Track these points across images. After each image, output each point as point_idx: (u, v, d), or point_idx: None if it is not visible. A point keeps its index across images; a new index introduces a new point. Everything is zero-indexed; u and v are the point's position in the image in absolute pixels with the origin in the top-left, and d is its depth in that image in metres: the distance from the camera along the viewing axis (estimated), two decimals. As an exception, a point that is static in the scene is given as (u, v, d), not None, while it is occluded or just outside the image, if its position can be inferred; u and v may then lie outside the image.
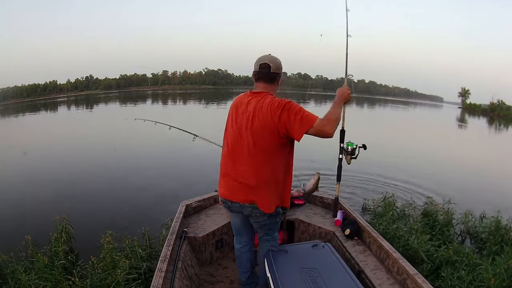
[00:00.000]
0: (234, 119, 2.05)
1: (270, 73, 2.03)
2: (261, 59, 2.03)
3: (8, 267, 3.08)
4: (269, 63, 2.01)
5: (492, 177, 8.60)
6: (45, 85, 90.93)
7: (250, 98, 2.02)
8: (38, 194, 6.22)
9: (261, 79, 2.05)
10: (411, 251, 3.35)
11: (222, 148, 2.17)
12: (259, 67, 2.02)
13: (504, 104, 50.14)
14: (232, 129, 2.05)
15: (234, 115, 2.05)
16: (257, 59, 2.06)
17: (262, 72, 2.03)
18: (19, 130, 18.63)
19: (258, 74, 2.04)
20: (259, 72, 2.03)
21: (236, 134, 2.01)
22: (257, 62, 2.04)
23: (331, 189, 6.53)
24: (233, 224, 2.33)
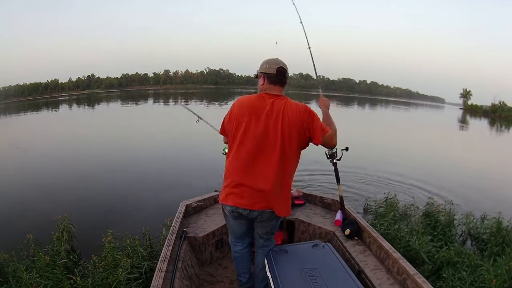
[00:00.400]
0: (254, 123, 1.96)
1: (286, 77, 2.10)
2: (277, 63, 2.06)
3: (9, 266, 3.09)
4: (285, 68, 2.08)
5: (493, 178, 8.58)
6: (46, 83, 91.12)
7: (273, 100, 2.00)
8: (40, 193, 6.25)
9: (278, 82, 2.07)
10: (412, 252, 3.35)
11: (227, 156, 2.07)
12: (276, 71, 2.04)
13: (505, 105, 50.03)
14: (253, 134, 1.95)
15: (254, 120, 1.96)
16: (269, 61, 2.08)
17: (279, 76, 2.06)
18: (20, 128, 18.68)
19: (275, 77, 2.05)
20: (277, 76, 2.05)
21: (260, 139, 1.94)
22: (272, 65, 2.06)
23: (331, 189, 6.56)
24: (235, 229, 2.23)
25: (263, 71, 2.07)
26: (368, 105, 51.06)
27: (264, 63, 2.08)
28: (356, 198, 6.01)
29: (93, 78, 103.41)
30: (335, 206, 3.35)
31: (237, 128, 1.99)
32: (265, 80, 2.06)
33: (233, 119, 2.02)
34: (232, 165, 2.00)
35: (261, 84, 2.09)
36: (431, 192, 6.50)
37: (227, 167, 2.04)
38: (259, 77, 2.12)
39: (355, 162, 8.86)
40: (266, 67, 2.06)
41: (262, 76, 2.07)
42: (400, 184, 7.19)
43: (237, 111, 2.02)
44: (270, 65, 2.05)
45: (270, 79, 2.05)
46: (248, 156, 1.95)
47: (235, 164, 1.99)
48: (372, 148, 11.65)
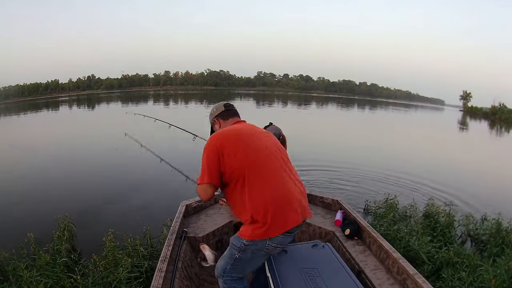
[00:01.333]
0: (251, 146, 1.87)
1: (235, 108, 2.20)
2: (220, 103, 2.19)
3: (9, 264, 3.10)
4: (230, 103, 2.21)
5: (492, 180, 8.59)
6: (46, 84, 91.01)
7: (246, 124, 2.10)
8: (41, 193, 6.26)
9: (231, 114, 2.14)
10: (412, 253, 3.36)
11: (240, 193, 1.84)
12: (224, 107, 2.15)
13: (505, 107, 49.96)
14: (256, 155, 1.86)
15: (251, 144, 1.88)
16: (214, 107, 2.19)
17: (229, 108, 2.16)
18: (20, 128, 18.68)
19: (227, 112, 2.14)
20: (227, 110, 2.15)
21: (264, 154, 1.88)
22: (217, 106, 2.17)
23: (331, 189, 6.58)
24: (254, 265, 2.02)
25: (215, 116, 2.14)
26: (368, 107, 51.05)
27: (211, 111, 2.19)
28: (356, 199, 6.02)
29: (93, 78, 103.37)
30: (335, 206, 3.37)
31: (240, 162, 1.82)
32: (220, 121, 2.12)
33: (226, 159, 1.82)
34: (260, 196, 1.79)
35: (218, 126, 2.12)
36: (431, 193, 6.51)
37: (252, 202, 1.79)
38: (214, 125, 2.17)
39: (356, 162, 8.91)
40: (214, 112, 2.16)
41: (216, 120, 2.14)
42: (400, 185, 7.20)
43: (227, 150, 1.82)
44: (216, 108, 2.16)
45: (223, 116, 2.12)
46: (268, 177, 1.83)
47: (263, 193, 1.79)
48: (372, 149, 11.68)
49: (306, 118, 25.30)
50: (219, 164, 1.82)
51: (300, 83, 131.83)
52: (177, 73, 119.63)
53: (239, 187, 1.83)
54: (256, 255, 1.90)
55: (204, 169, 1.84)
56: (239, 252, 1.89)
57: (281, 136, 3.03)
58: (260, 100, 51.04)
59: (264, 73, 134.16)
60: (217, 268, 2.03)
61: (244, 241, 1.85)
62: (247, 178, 1.80)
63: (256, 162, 1.83)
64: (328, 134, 16.40)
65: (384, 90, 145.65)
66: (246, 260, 1.92)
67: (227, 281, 1.98)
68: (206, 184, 1.84)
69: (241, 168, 1.80)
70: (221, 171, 1.83)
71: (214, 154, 1.82)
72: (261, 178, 1.81)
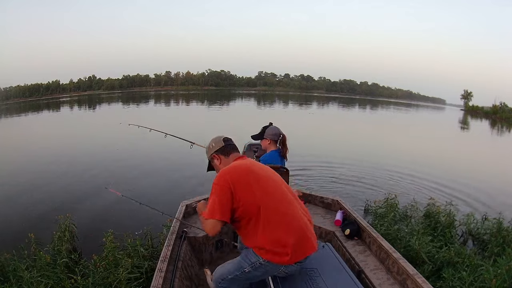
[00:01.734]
0: (266, 182, 1.88)
1: (234, 142, 2.15)
2: (219, 136, 2.11)
3: (10, 265, 3.10)
4: (227, 137, 2.14)
5: (493, 179, 8.56)
6: (47, 84, 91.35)
7: (250, 159, 2.08)
8: (42, 194, 6.26)
9: (232, 149, 2.08)
10: (412, 252, 3.35)
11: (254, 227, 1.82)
12: (223, 141, 2.08)
13: (506, 107, 49.80)
14: (268, 190, 1.86)
15: (263, 179, 1.88)
16: (211, 141, 2.11)
17: (229, 143, 2.10)
18: (20, 129, 18.73)
19: (226, 147, 2.07)
20: (227, 144, 2.08)
21: (280, 192, 1.89)
22: (216, 141, 2.09)
23: (331, 187, 6.58)
24: (254, 280, 2.01)
25: (214, 151, 2.07)
26: (369, 107, 51.02)
27: (208, 146, 2.11)
28: (357, 197, 6.01)
29: (94, 79, 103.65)
30: (335, 206, 3.37)
31: (254, 198, 1.81)
32: (220, 157, 2.05)
33: (240, 195, 1.80)
34: (278, 230, 1.80)
35: (219, 162, 2.06)
36: (431, 193, 6.50)
37: (270, 235, 1.80)
38: (213, 160, 2.10)
39: (355, 162, 8.91)
40: (213, 146, 2.08)
41: (216, 156, 2.06)
42: (401, 184, 7.20)
43: (240, 187, 1.81)
44: (214, 143, 2.08)
45: (224, 151, 2.06)
46: (283, 210, 1.84)
47: (280, 226, 1.81)
48: (372, 148, 11.67)
49: (307, 118, 25.30)
50: (231, 201, 1.79)
51: (301, 83, 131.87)
52: (178, 73, 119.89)
53: (253, 222, 1.81)
54: (265, 274, 1.92)
55: (215, 205, 1.79)
56: (250, 267, 1.88)
57: (281, 136, 3.01)
58: (261, 100, 51.05)
59: (265, 73, 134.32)
60: (215, 273, 2.02)
61: (261, 259, 1.84)
62: (262, 213, 1.79)
63: (270, 197, 1.83)
64: (328, 133, 16.40)
65: (385, 89, 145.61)
66: (253, 277, 1.93)
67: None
68: (216, 220, 1.79)
69: (255, 204, 1.79)
70: (233, 208, 1.81)
71: (227, 190, 1.79)
72: (276, 212, 1.81)
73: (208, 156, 2.12)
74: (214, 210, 1.79)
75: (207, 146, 2.13)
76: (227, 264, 2.02)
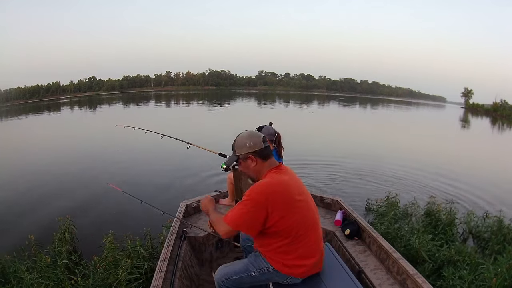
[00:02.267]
0: (301, 206, 1.79)
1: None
2: (258, 135, 1.87)
3: (10, 267, 3.11)
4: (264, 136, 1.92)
5: (494, 176, 8.55)
6: (48, 86, 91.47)
7: (288, 172, 1.88)
8: (42, 195, 6.27)
9: (269, 153, 1.88)
10: (412, 251, 3.35)
11: (276, 242, 1.80)
12: (263, 143, 1.85)
13: (507, 104, 49.79)
14: (307, 212, 1.82)
15: (299, 203, 1.78)
16: (250, 137, 1.85)
17: (267, 146, 1.87)
18: (20, 130, 18.77)
19: (265, 150, 1.85)
20: (266, 147, 1.86)
21: (311, 215, 1.85)
22: (255, 139, 1.84)
23: (331, 186, 6.58)
24: (258, 283, 2.00)
25: (252, 151, 1.82)
26: (370, 105, 51.00)
27: (244, 141, 1.84)
28: (357, 197, 6.01)
29: (94, 80, 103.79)
30: (335, 206, 3.36)
31: (289, 222, 1.74)
32: (257, 160, 1.83)
33: (275, 218, 1.71)
34: (303, 251, 1.82)
35: (254, 165, 1.83)
36: (432, 191, 6.49)
37: (294, 255, 1.80)
38: (246, 160, 1.84)
39: (356, 160, 8.90)
40: (251, 145, 1.82)
41: (253, 158, 1.82)
42: (402, 182, 7.19)
43: (277, 211, 1.70)
44: (253, 140, 1.83)
45: (262, 155, 1.83)
46: (311, 233, 1.84)
47: (307, 249, 1.82)
48: (373, 147, 11.66)
49: (307, 117, 25.29)
50: (263, 223, 1.71)
51: (301, 82, 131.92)
52: (178, 73, 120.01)
53: (281, 241, 1.78)
54: (269, 280, 1.93)
55: (243, 218, 1.71)
56: (257, 271, 1.89)
57: (276, 134, 3.04)
58: (262, 99, 51.06)
59: (266, 73, 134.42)
60: (219, 271, 2.00)
61: (270, 267, 1.85)
62: (294, 236, 1.77)
63: (303, 222, 1.79)
64: (328, 131, 16.39)
65: (386, 88, 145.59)
66: (257, 281, 1.94)
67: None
68: (236, 229, 1.75)
69: (289, 228, 1.75)
70: (263, 227, 1.73)
71: (261, 209, 1.69)
72: (305, 236, 1.80)
73: (239, 153, 1.85)
74: (240, 224, 1.73)
75: (237, 141, 1.86)
76: (233, 264, 2.02)
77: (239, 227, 1.74)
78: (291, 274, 1.84)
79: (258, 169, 1.84)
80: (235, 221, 1.73)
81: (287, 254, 1.80)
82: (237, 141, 1.86)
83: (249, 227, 1.73)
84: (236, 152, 1.87)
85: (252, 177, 1.89)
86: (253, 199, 1.70)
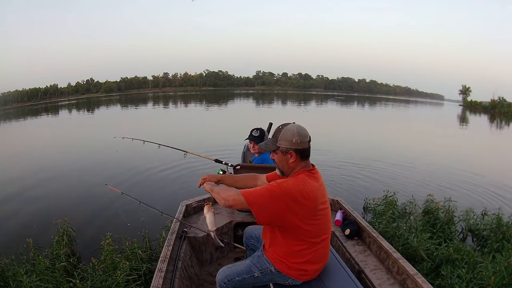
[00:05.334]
0: (320, 214, 1.77)
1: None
2: (305, 134, 1.79)
3: (9, 270, 3.10)
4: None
5: (492, 173, 8.57)
6: (45, 89, 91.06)
7: (317, 176, 1.83)
8: (40, 198, 6.25)
9: (309, 155, 1.83)
10: (411, 250, 3.35)
11: (287, 241, 1.79)
12: (308, 143, 1.80)
13: (505, 101, 49.94)
14: (324, 218, 1.81)
15: (320, 211, 1.76)
16: (298, 133, 1.77)
17: (309, 147, 1.82)
18: (19, 133, 18.73)
19: (308, 151, 1.81)
20: (309, 148, 1.82)
21: (327, 222, 1.84)
22: (303, 137, 1.77)
23: (330, 188, 6.57)
24: (260, 284, 2.00)
25: (295, 148, 1.76)
26: (368, 104, 51.06)
27: (291, 136, 1.76)
28: (355, 196, 6.01)
29: (92, 82, 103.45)
30: (335, 206, 3.36)
31: (307, 226, 1.74)
32: (296, 157, 1.78)
33: (292, 219, 1.69)
34: (313, 256, 1.82)
35: (292, 161, 1.78)
36: (431, 189, 6.48)
37: (303, 258, 1.80)
38: (285, 153, 1.78)
39: (354, 159, 8.91)
40: (297, 142, 1.76)
41: (294, 154, 1.77)
42: (400, 181, 7.20)
43: (297, 214, 1.68)
44: (301, 138, 1.76)
45: (304, 154, 1.79)
46: (323, 239, 1.84)
47: (317, 253, 1.83)
48: (372, 145, 11.67)
49: (306, 116, 25.31)
50: (276, 213, 1.66)
51: (299, 81, 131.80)
52: (176, 74, 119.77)
53: (296, 245, 1.78)
54: (271, 281, 1.94)
55: (261, 197, 1.65)
56: (260, 272, 1.89)
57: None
58: (260, 99, 51.06)
59: (263, 72, 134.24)
60: (221, 273, 1.99)
61: (273, 268, 1.86)
62: (310, 243, 1.77)
63: (321, 230, 1.80)
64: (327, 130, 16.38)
65: (383, 86, 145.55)
66: (260, 282, 1.94)
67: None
68: (248, 204, 1.65)
69: (307, 234, 1.75)
70: (273, 220, 1.70)
71: (281, 203, 1.64)
72: (319, 243, 1.81)
73: (282, 145, 1.78)
74: (255, 201, 1.65)
75: (285, 133, 1.77)
76: (235, 265, 2.01)
77: (252, 204, 1.65)
78: (294, 276, 1.85)
79: (293, 166, 1.80)
80: (252, 196, 1.66)
81: (296, 258, 1.80)
82: (284, 132, 1.78)
83: (262, 209, 1.65)
84: (278, 142, 1.79)
85: (284, 170, 1.85)
86: (280, 189, 1.65)
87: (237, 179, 2.21)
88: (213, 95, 67.84)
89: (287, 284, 1.90)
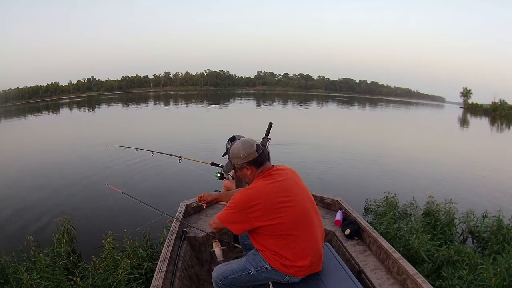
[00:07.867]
0: (294, 206, 1.82)
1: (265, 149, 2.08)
2: (251, 144, 1.91)
3: (10, 268, 3.10)
4: (258, 143, 1.99)
5: (492, 175, 8.56)
6: (47, 86, 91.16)
7: (283, 173, 1.92)
8: (40, 196, 6.26)
9: (265, 159, 1.94)
10: (412, 251, 3.35)
11: (268, 241, 1.84)
12: (256, 151, 1.89)
13: (506, 104, 49.76)
14: (302, 211, 1.85)
15: (291, 203, 1.81)
16: (243, 147, 1.89)
17: (262, 152, 1.93)
18: (19, 132, 18.74)
19: (260, 157, 1.90)
20: (261, 154, 1.91)
21: (306, 213, 1.87)
22: (248, 149, 1.88)
23: (330, 188, 6.57)
24: (256, 282, 2.02)
25: (246, 162, 1.88)
26: (368, 105, 51.02)
27: (238, 152, 1.89)
28: (356, 197, 6.01)
29: (93, 80, 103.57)
30: (335, 206, 3.36)
31: (281, 225, 1.79)
32: (252, 168, 1.90)
33: (265, 222, 1.77)
34: (299, 250, 1.83)
35: (250, 172, 1.90)
36: (431, 190, 6.47)
37: (290, 254, 1.82)
38: (242, 169, 1.91)
39: (355, 160, 8.90)
40: (245, 156, 1.88)
41: (248, 167, 1.89)
42: (401, 182, 7.18)
43: (266, 215, 1.77)
44: (246, 151, 1.88)
45: (257, 163, 1.89)
46: (307, 232, 1.86)
47: (303, 248, 1.84)
48: (372, 146, 11.67)
49: (305, 116, 25.30)
50: (244, 223, 1.81)
51: (300, 82, 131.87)
52: (177, 73, 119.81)
53: (275, 241, 1.82)
54: (268, 279, 1.96)
55: (228, 216, 1.84)
56: (256, 270, 1.92)
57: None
58: (260, 99, 51.04)
59: (264, 73, 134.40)
60: (217, 271, 2.01)
61: (268, 266, 1.88)
62: (285, 236, 1.80)
63: (292, 222, 1.80)
64: (327, 130, 16.39)
65: (384, 88, 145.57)
66: (255, 280, 1.96)
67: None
68: (223, 224, 1.88)
69: (278, 230, 1.79)
70: (247, 227, 1.84)
71: (241, 214, 1.78)
72: (299, 236, 1.82)
73: (234, 163, 1.92)
74: (224, 221, 1.86)
75: (232, 151, 1.93)
76: (230, 263, 2.04)
77: (225, 223, 1.86)
78: (289, 273, 1.86)
79: (252, 176, 1.92)
80: (223, 216, 1.86)
81: (283, 254, 1.82)
82: (232, 152, 1.94)
83: (232, 224, 1.84)
84: (232, 162, 1.95)
85: (248, 182, 1.96)
86: (235, 204, 1.81)
87: (230, 194, 2.22)
88: (214, 95, 67.79)
89: (285, 282, 1.91)
